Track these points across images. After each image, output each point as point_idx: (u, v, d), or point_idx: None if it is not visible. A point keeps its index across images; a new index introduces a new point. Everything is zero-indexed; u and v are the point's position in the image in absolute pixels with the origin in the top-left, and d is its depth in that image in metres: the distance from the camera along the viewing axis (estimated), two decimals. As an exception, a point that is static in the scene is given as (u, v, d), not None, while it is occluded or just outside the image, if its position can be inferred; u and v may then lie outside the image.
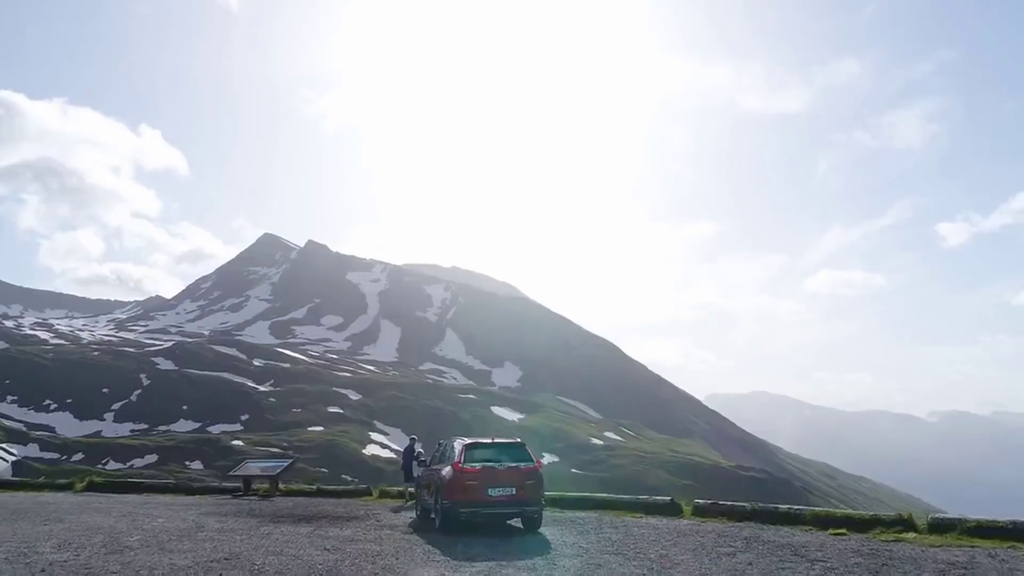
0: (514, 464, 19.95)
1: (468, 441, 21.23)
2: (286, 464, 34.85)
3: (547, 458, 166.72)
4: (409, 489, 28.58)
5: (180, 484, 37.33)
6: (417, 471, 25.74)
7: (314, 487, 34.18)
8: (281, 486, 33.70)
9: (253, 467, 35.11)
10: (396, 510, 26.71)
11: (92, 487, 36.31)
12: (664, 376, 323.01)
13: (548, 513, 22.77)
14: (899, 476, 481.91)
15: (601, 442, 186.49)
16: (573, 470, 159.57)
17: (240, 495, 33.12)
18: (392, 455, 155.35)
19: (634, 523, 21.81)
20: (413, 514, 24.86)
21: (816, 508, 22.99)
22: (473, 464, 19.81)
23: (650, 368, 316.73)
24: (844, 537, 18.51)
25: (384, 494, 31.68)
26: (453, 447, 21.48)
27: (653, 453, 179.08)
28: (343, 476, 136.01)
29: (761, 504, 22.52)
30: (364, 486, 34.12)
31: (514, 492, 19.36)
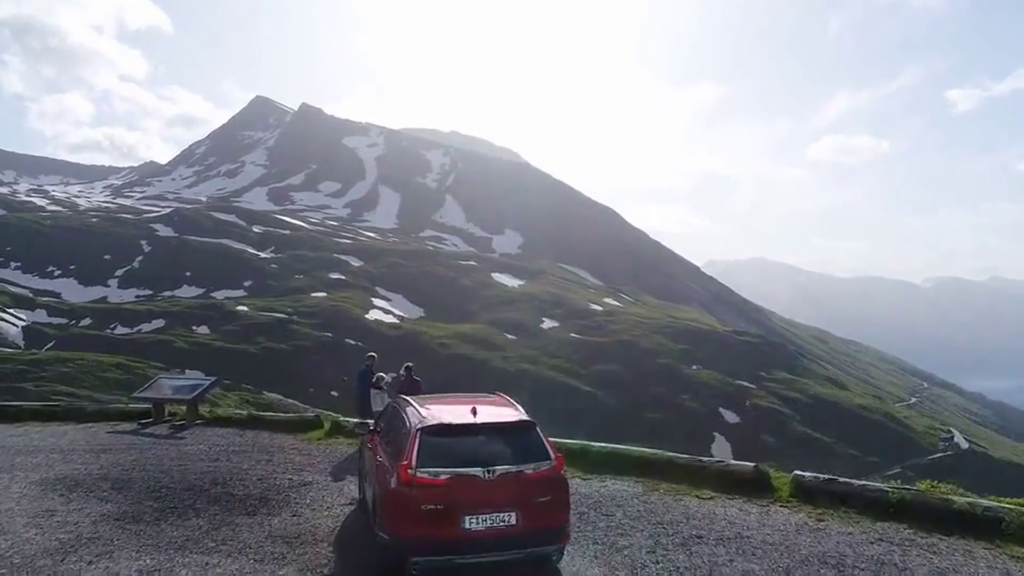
0: (515, 468, 11.07)
1: (429, 419, 11.56)
2: (206, 384, 26.26)
3: (547, 323, 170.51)
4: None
5: (72, 408, 27.91)
6: (378, 404, 17.46)
7: (245, 414, 25.09)
8: (205, 411, 25.66)
9: (166, 386, 25.88)
10: (340, 476, 17.70)
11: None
12: (663, 243, 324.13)
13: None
14: (890, 341, 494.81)
15: (600, 308, 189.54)
16: (572, 335, 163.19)
17: (149, 423, 24.49)
18: (395, 320, 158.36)
19: (707, 516, 13.95)
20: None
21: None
22: (437, 470, 10.84)
23: (650, 235, 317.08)
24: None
25: (337, 428, 22.40)
26: (406, 416, 12.10)
27: (651, 319, 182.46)
28: (347, 340, 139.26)
29: (907, 487, 15.37)
30: (313, 415, 25.31)
31: (515, 521, 10.83)
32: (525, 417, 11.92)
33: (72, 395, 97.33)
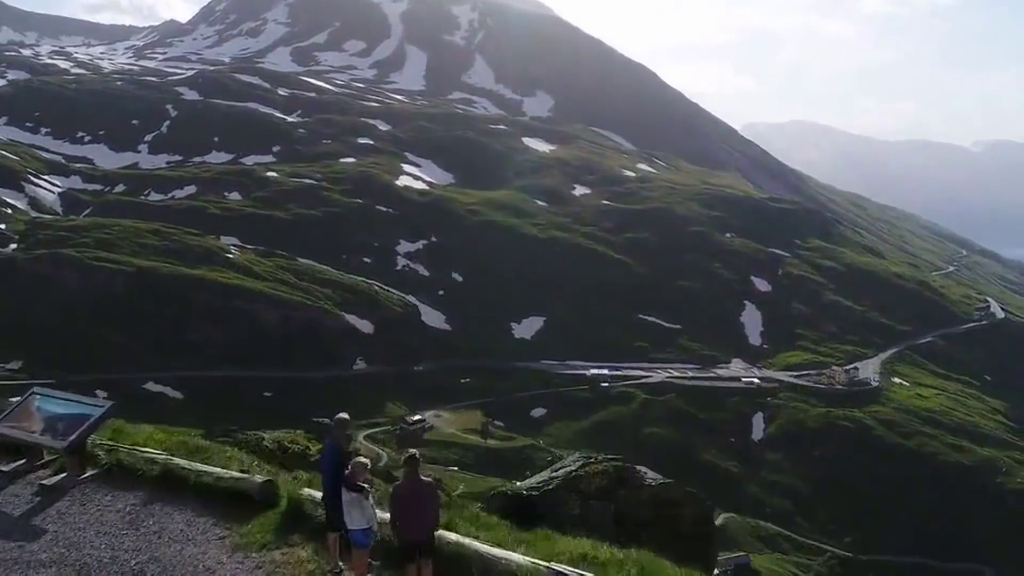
0: None
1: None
2: (95, 417, 13.47)
3: (578, 189, 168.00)
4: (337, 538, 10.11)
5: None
6: (356, 516, 9.50)
7: (160, 462, 12.64)
8: (105, 446, 13.53)
9: (35, 414, 14.06)
10: None
11: None
12: (701, 105, 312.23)
13: None
14: (933, 207, 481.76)
15: (633, 174, 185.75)
16: (604, 202, 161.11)
17: (17, 467, 13.47)
18: (425, 186, 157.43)
19: None
20: None
21: None
22: None
23: (687, 96, 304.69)
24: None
25: (297, 514, 11.26)
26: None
27: (686, 185, 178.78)
28: (378, 207, 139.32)
29: None
30: (264, 482, 11.84)
31: None
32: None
33: (116, 260, 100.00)
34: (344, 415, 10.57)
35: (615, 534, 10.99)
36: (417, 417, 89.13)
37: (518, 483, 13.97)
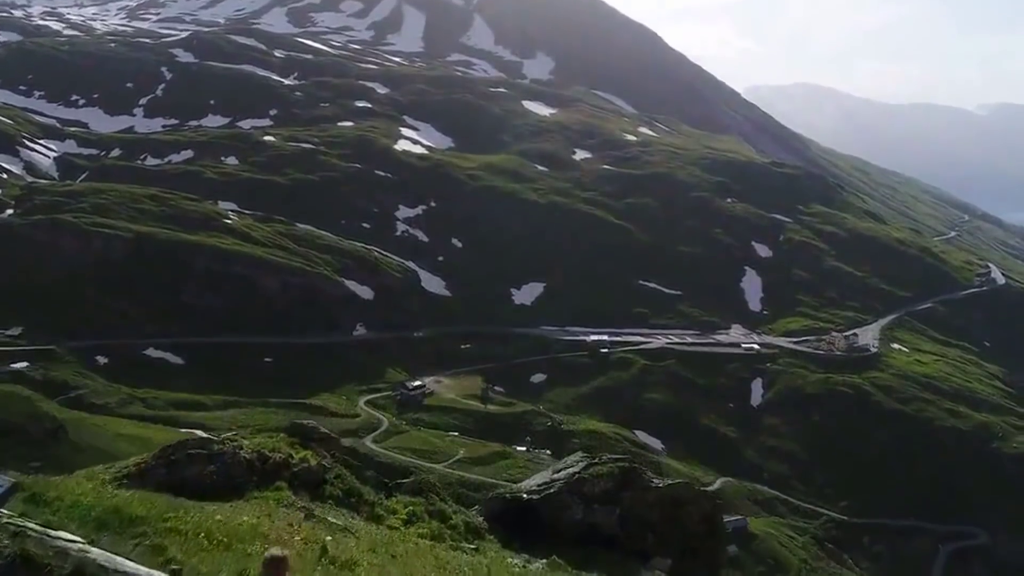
0: None
1: None
2: None
3: (579, 154, 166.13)
4: None
5: None
6: None
7: (66, 571, 8.26)
8: (5, 540, 8.66)
9: None
10: None
11: None
12: (703, 67, 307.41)
13: None
14: (936, 170, 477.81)
15: (635, 138, 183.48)
16: (605, 167, 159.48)
17: None
18: (424, 151, 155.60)
19: None
20: None
21: None
22: None
23: (689, 58, 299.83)
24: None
25: None
26: None
27: (688, 149, 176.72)
28: (376, 171, 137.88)
29: None
30: None
31: None
32: None
33: (114, 226, 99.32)
34: (277, 554, 7.43)
35: (620, 538, 10.75)
36: (417, 383, 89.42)
37: (517, 485, 13.45)
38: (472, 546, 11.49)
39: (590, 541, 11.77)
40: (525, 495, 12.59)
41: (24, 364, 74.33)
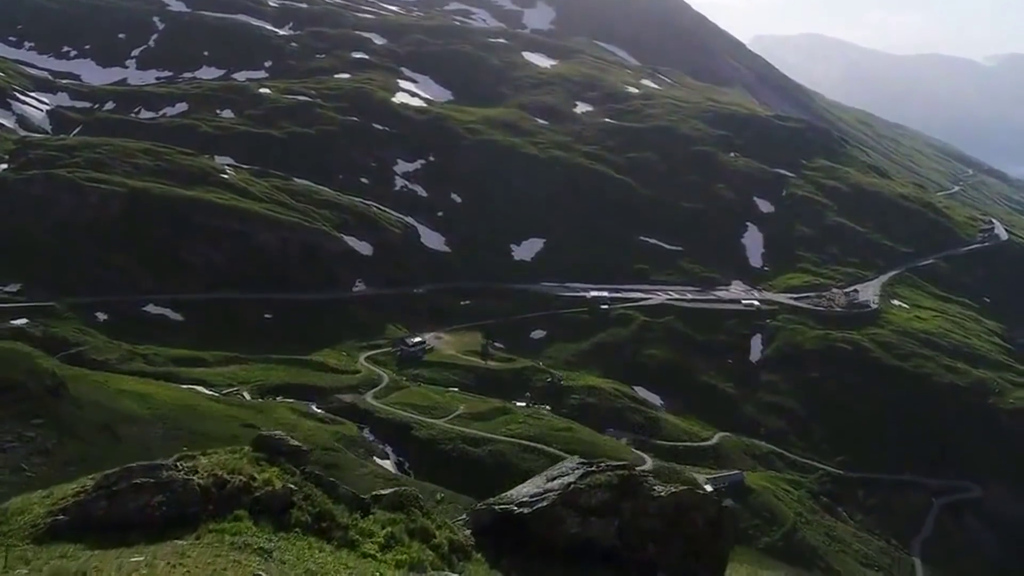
0: None
1: None
2: None
3: (580, 107, 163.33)
4: None
5: None
6: None
7: None
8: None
9: None
10: None
11: None
12: (708, 17, 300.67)
13: None
14: (941, 123, 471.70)
15: (637, 91, 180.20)
16: (607, 120, 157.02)
17: None
18: (422, 104, 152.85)
19: None
20: None
21: None
22: None
23: (693, 7, 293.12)
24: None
25: None
26: None
27: (691, 103, 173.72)
28: (374, 125, 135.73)
29: None
30: None
31: None
32: None
33: (109, 181, 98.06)
34: None
35: (619, 550, 10.17)
36: (417, 339, 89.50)
37: (507, 494, 12.53)
38: (456, 573, 10.59)
39: (586, 556, 11.17)
40: (516, 508, 11.80)
41: (24, 321, 74.17)
